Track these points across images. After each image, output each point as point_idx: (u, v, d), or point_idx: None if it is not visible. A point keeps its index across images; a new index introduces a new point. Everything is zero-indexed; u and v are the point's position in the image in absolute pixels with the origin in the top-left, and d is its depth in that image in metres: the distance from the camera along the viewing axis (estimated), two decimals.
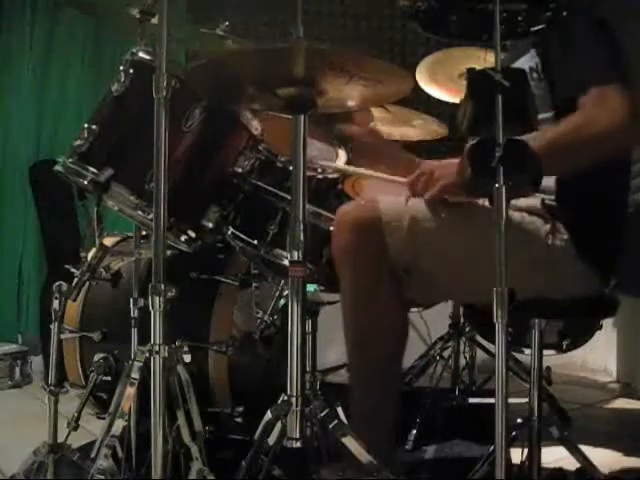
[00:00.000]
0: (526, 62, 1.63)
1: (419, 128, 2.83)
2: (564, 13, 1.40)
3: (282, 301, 2.00)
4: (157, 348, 1.37)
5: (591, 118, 1.47)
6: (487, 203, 1.63)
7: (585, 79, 1.49)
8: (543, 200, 1.62)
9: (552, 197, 1.63)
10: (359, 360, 1.66)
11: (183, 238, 1.76)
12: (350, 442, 1.45)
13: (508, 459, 1.30)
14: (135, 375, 1.58)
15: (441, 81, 2.72)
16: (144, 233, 1.98)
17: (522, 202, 1.57)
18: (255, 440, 1.47)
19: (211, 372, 2.07)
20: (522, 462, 1.65)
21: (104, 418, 1.79)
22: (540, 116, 1.56)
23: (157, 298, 1.35)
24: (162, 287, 1.35)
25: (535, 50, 1.62)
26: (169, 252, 1.90)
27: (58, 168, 1.75)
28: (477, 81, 1.23)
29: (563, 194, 1.62)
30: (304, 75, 1.39)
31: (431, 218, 1.60)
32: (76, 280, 1.78)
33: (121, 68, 1.76)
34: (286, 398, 1.42)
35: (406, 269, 1.59)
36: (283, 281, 1.96)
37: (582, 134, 1.48)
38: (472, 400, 2.69)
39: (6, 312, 3.49)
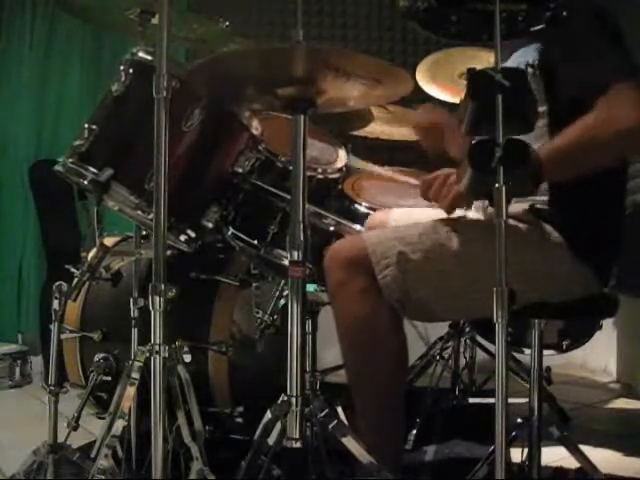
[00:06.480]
0: (523, 55, 1.62)
1: None
2: (564, 13, 1.39)
3: (282, 301, 2.00)
4: (157, 348, 1.36)
5: (608, 118, 1.44)
6: (473, 215, 1.64)
7: (597, 77, 1.47)
8: (533, 205, 1.61)
9: (544, 199, 1.62)
10: (361, 390, 1.65)
11: (183, 238, 1.76)
12: (350, 442, 1.45)
13: (508, 459, 1.30)
14: (135, 375, 1.59)
15: (441, 81, 2.72)
16: (144, 233, 1.98)
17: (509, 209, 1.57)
18: (255, 440, 1.47)
19: (211, 372, 2.07)
20: (522, 462, 1.65)
21: (104, 418, 1.80)
22: None
23: (157, 298, 1.35)
24: (162, 287, 1.35)
25: (535, 45, 1.61)
26: (169, 252, 1.90)
27: (58, 168, 1.75)
28: (477, 81, 1.23)
29: (557, 195, 1.61)
30: (304, 75, 1.39)
31: (418, 249, 1.59)
32: (76, 280, 1.78)
33: (121, 68, 1.76)
34: (286, 398, 1.42)
35: (400, 301, 1.59)
36: (283, 281, 1.96)
37: (600, 135, 1.44)
38: (472, 400, 2.70)
39: (6, 312, 3.49)
